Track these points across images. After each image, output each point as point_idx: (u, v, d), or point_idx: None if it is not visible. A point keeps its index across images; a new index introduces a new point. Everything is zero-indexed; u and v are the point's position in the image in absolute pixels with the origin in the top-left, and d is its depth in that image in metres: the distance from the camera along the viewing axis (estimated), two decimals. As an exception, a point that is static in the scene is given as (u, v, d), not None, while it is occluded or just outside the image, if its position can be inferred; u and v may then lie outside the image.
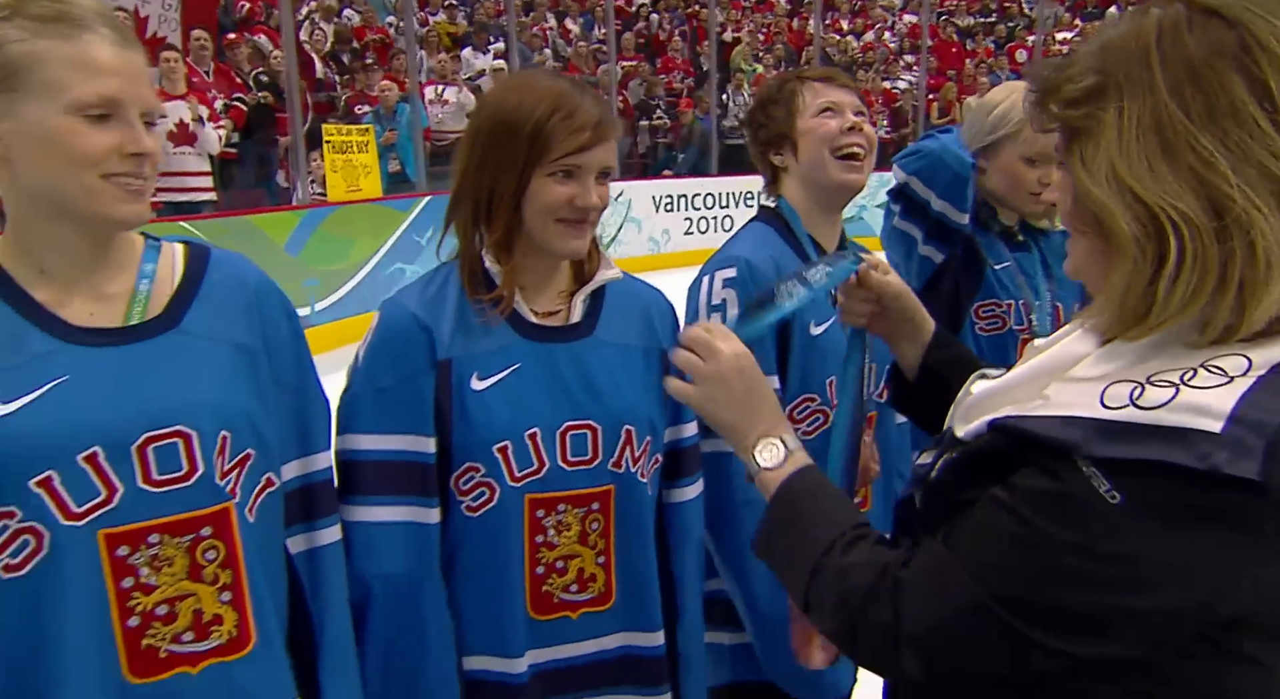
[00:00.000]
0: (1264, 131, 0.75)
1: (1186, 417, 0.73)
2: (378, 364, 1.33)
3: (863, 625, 0.88)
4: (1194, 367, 0.77)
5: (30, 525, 1.04)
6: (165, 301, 1.17)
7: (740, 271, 1.63)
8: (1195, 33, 0.78)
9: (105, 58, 1.05)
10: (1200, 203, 0.76)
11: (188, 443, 1.11)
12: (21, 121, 1.04)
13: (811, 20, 14.76)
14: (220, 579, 1.14)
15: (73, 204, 1.08)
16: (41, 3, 1.05)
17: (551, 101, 1.29)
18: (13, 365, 1.06)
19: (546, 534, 1.36)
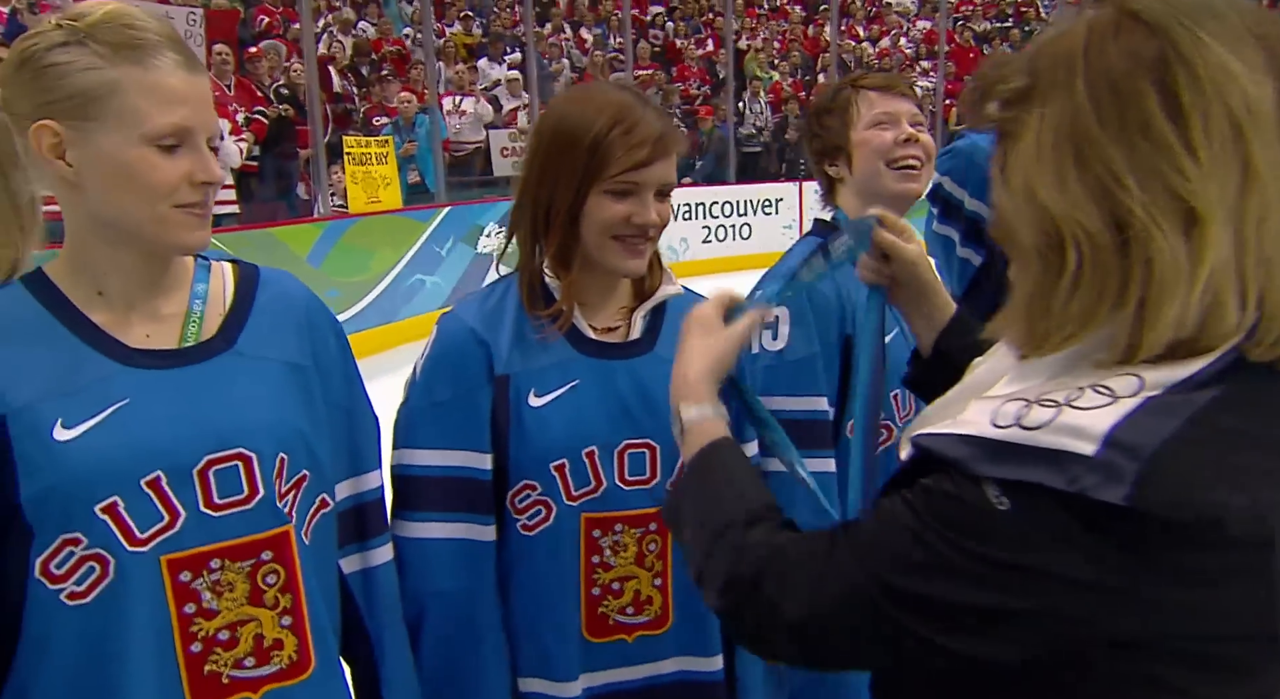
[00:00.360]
0: (1172, 149, 0.72)
1: (1062, 438, 0.72)
2: (435, 378, 1.32)
3: (748, 606, 0.88)
4: (1084, 386, 0.75)
5: (96, 552, 1.03)
6: (219, 322, 1.16)
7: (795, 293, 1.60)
8: (1120, 40, 0.75)
9: (177, 86, 1.04)
10: (1104, 217, 0.74)
11: (248, 465, 1.10)
12: (95, 150, 1.03)
13: (827, 27, 14.75)
14: (280, 603, 1.13)
15: (141, 231, 1.07)
16: (114, 27, 1.04)
17: (612, 114, 1.27)
18: (74, 389, 1.05)
19: (603, 555, 1.34)
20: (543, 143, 1.31)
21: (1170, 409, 0.72)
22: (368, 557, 1.28)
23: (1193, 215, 0.72)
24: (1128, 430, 0.71)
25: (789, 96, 13.32)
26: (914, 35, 16.24)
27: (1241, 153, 0.72)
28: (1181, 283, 0.72)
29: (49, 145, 1.04)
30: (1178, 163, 0.72)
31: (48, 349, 1.06)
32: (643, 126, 1.27)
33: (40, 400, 1.03)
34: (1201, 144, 0.72)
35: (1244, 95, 0.72)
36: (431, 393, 1.32)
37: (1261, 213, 0.73)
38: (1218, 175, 0.72)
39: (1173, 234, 0.72)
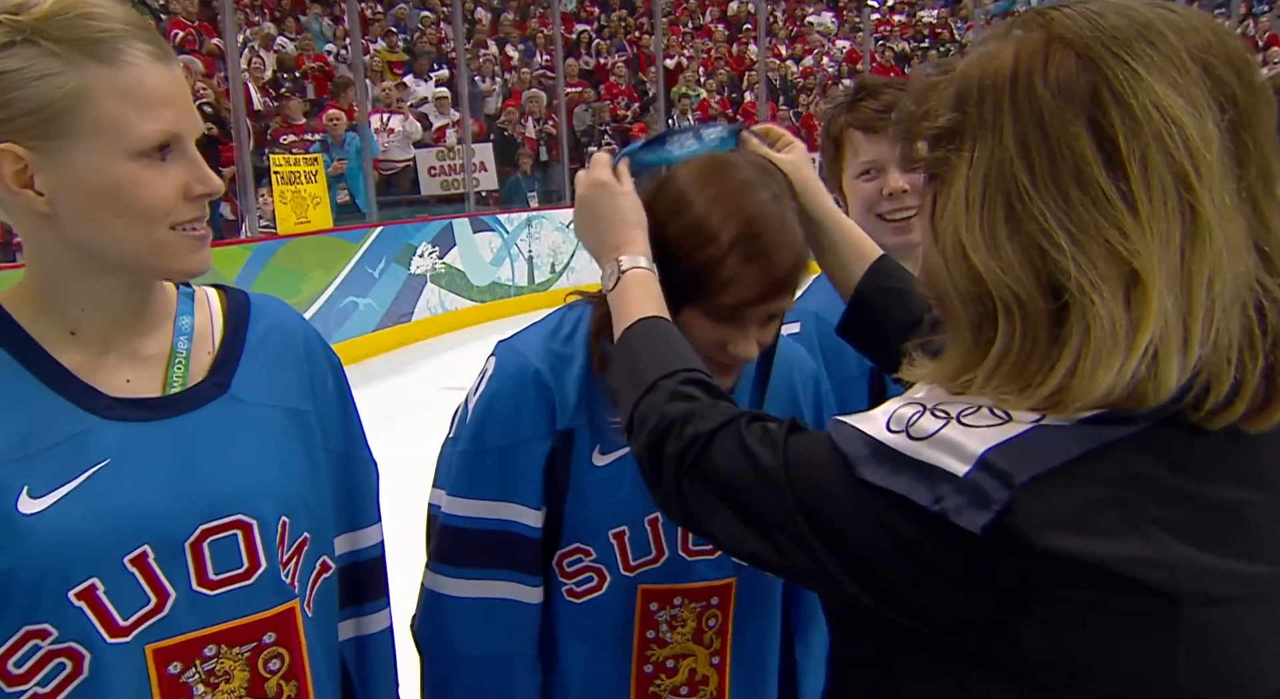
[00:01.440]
0: (1110, 202, 0.64)
1: (939, 453, 0.67)
2: (488, 423, 1.15)
3: (672, 441, 0.85)
4: (980, 404, 0.69)
5: (68, 646, 0.86)
6: (208, 362, 1.00)
7: (806, 327, 1.50)
8: (1050, 72, 0.67)
9: (156, 83, 0.86)
10: (1038, 280, 0.66)
11: (247, 534, 0.94)
12: (71, 173, 0.85)
13: (751, 45, 14.87)
14: (285, 693, 0.98)
15: (134, 260, 0.90)
16: (68, 19, 0.84)
17: (737, 231, 1.04)
18: (43, 449, 0.87)
19: (659, 630, 1.20)
20: (658, 219, 1.09)
21: (1066, 440, 0.65)
22: (362, 623, 1.14)
23: (1134, 276, 0.64)
24: (1006, 454, 0.65)
25: (717, 114, 13.36)
26: (835, 54, 16.49)
27: (1186, 203, 0.64)
28: (1118, 353, 0.64)
29: (12, 173, 0.85)
30: (1116, 218, 0.64)
31: (10, 400, 0.88)
32: (772, 257, 1.04)
33: (2, 464, 0.86)
34: (1141, 195, 0.63)
35: (1186, 139, 0.63)
36: (483, 438, 1.15)
37: (1213, 268, 0.64)
38: (1160, 230, 0.63)
39: (1112, 299, 0.64)
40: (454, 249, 9.20)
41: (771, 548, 0.78)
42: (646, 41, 14.47)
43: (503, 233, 9.86)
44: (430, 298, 8.84)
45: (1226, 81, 0.66)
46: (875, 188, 1.52)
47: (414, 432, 1.26)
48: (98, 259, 0.91)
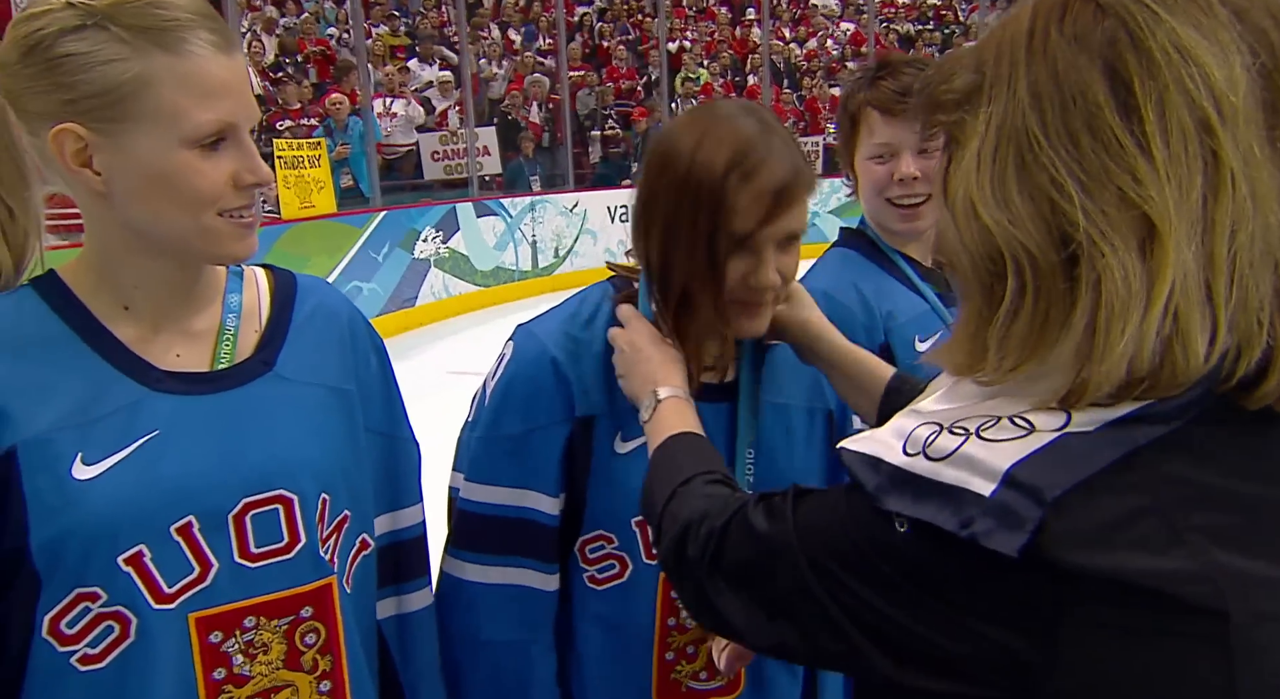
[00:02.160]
0: (1123, 148, 0.60)
1: (961, 473, 0.62)
2: (505, 409, 1.16)
3: (691, 543, 0.84)
4: (1004, 415, 0.64)
5: (116, 610, 0.89)
6: (255, 340, 1.01)
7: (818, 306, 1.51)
8: (1066, 23, 0.64)
9: (217, 73, 0.88)
10: (1049, 234, 0.62)
11: (288, 509, 0.96)
12: (128, 156, 0.88)
13: (755, 28, 14.80)
14: (320, 666, 0.99)
15: (184, 244, 0.92)
16: (138, 7, 0.86)
17: (730, 155, 1.04)
18: (96, 418, 0.90)
19: (679, 616, 1.20)
20: (651, 180, 1.11)
21: (1095, 448, 0.61)
22: (404, 601, 1.15)
23: (1149, 226, 0.60)
24: (1033, 468, 0.60)
25: (720, 97, 13.33)
26: (839, 37, 16.41)
27: (1208, 149, 0.60)
28: (1135, 308, 0.60)
29: (72, 152, 0.87)
30: (1129, 163, 0.60)
31: (67, 369, 0.91)
32: (765, 172, 1.04)
33: (58, 430, 0.88)
34: (1157, 140, 0.60)
35: (1209, 81, 0.60)
36: (499, 425, 1.16)
37: (1235, 220, 0.60)
38: (1178, 175, 0.60)
39: (1125, 250, 0.60)
40: (457, 233, 9.19)
41: (795, 632, 0.75)
42: (649, 24, 14.39)
43: (506, 217, 9.85)
44: (434, 282, 8.85)
45: (1260, 26, 0.61)
46: (887, 171, 1.51)
47: (419, 416, 1.24)
48: (149, 240, 0.93)
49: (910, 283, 1.58)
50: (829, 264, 1.61)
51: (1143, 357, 0.60)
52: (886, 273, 1.57)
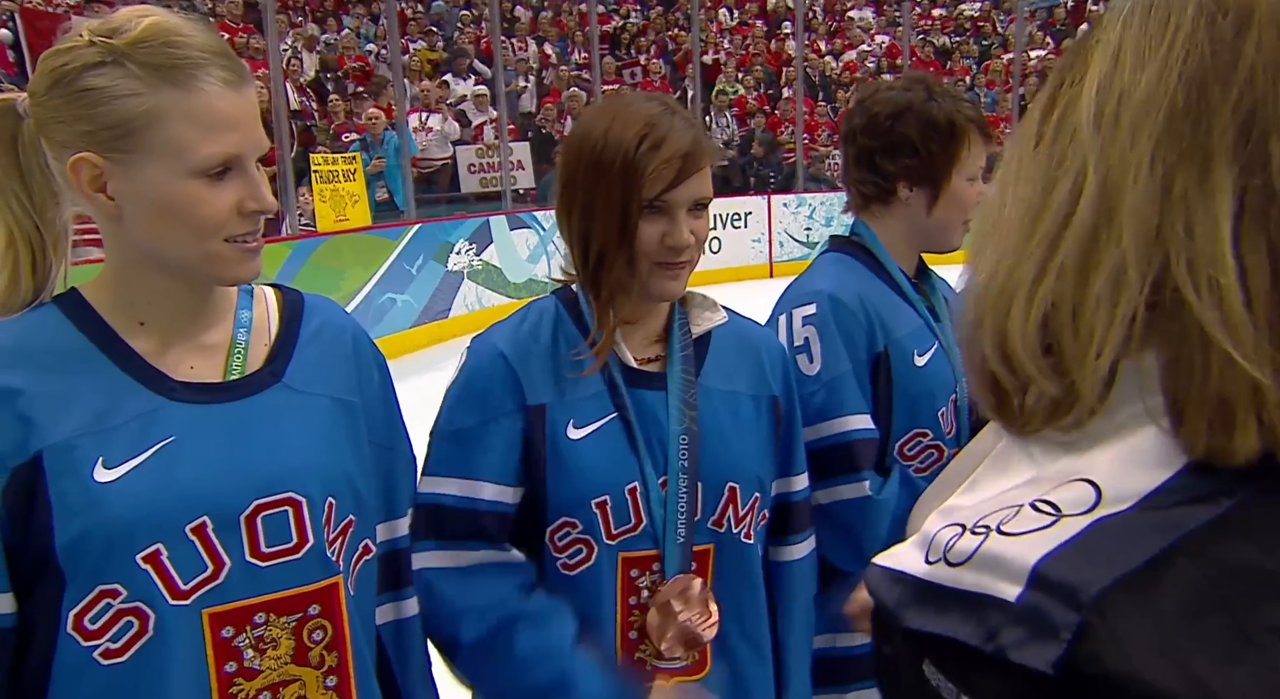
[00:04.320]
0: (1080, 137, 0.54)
1: (984, 577, 0.53)
2: (460, 405, 1.26)
3: None
4: (1025, 502, 0.55)
5: (135, 606, 0.94)
6: (265, 353, 1.08)
7: (821, 307, 1.54)
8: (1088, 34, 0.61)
9: (225, 108, 0.95)
10: None
11: (297, 511, 1.01)
12: (138, 184, 0.94)
13: (789, 41, 14.83)
14: (326, 662, 1.04)
15: (188, 267, 0.99)
16: (154, 46, 0.93)
17: (638, 130, 1.19)
18: (116, 425, 0.96)
19: (640, 596, 1.26)
20: (570, 163, 1.25)
21: (1140, 532, 0.50)
22: (401, 607, 1.20)
23: None
24: (1064, 563, 0.50)
25: (754, 110, 13.35)
26: (875, 49, 16.39)
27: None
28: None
29: (89, 178, 0.95)
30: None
31: (87, 380, 0.97)
32: (671, 140, 1.19)
33: (80, 436, 0.94)
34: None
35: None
36: (455, 420, 1.25)
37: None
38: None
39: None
40: (491, 246, 9.30)
41: None
42: (684, 38, 14.48)
43: (539, 230, 9.95)
44: (467, 294, 8.96)
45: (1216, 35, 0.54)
46: (978, 192, 1.55)
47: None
48: (159, 261, 0.99)
49: (905, 296, 1.61)
50: (829, 268, 1.63)
51: None
52: (884, 284, 1.61)
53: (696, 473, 1.26)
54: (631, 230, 1.20)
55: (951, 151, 1.55)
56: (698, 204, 1.23)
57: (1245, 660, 0.46)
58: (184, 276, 1.01)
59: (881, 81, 1.63)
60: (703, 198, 1.24)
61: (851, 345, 1.53)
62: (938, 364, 1.57)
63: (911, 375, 1.55)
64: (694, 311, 1.34)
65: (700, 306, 1.34)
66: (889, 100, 1.56)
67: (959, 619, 0.53)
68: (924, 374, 1.56)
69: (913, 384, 1.55)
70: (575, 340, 1.27)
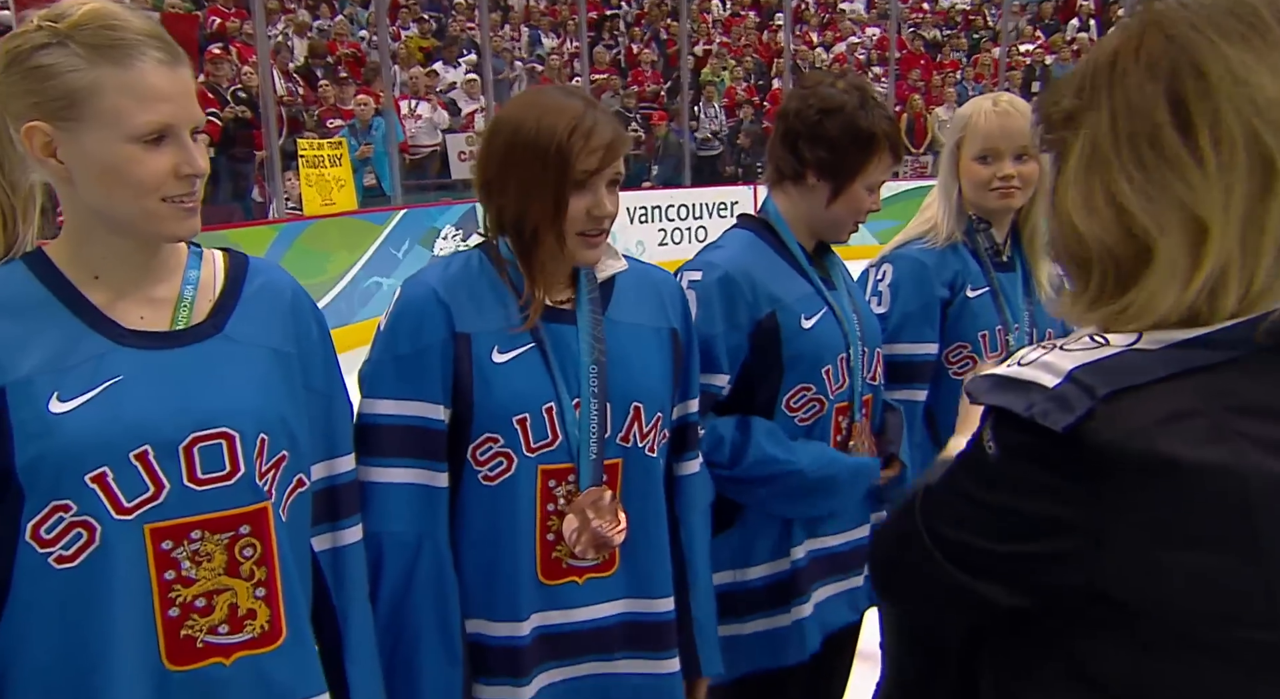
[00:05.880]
0: (1179, 160, 0.74)
1: (1035, 371, 0.77)
2: (397, 334, 1.42)
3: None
4: (1086, 334, 0.80)
5: (84, 519, 1.10)
6: (209, 308, 1.22)
7: (707, 276, 1.72)
8: (1141, 53, 0.77)
9: (158, 83, 1.09)
10: (1122, 234, 0.78)
11: (230, 444, 1.16)
12: (82, 149, 1.09)
13: (781, 33, 14.93)
14: (256, 575, 1.19)
15: (132, 224, 1.13)
16: (93, 29, 1.08)
17: (569, 123, 1.37)
18: (70, 365, 1.11)
19: (557, 503, 1.44)
20: (497, 148, 1.41)
21: (1154, 362, 0.74)
22: (338, 536, 1.35)
23: (1199, 224, 0.74)
24: (1092, 371, 0.74)
25: (743, 101, 13.47)
26: (865, 41, 16.49)
27: (1256, 156, 0.72)
28: (1174, 286, 0.75)
29: (40, 145, 1.10)
30: (1183, 172, 0.74)
31: (47, 326, 1.12)
32: (598, 132, 1.38)
33: (38, 373, 1.09)
34: (1209, 152, 0.73)
35: (1255, 98, 0.72)
36: (393, 347, 1.41)
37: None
38: (1227, 181, 0.73)
39: (1176, 244, 0.75)
40: (477, 232, 9.39)
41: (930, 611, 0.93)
42: (675, 28, 14.58)
43: (526, 216, 10.05)
44: (453, 279, 9.05)
45: None
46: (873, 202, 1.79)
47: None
48: (108, 220, 1.14)
49: (800, 267, 1.78)
50: (732, 243, 1.82)
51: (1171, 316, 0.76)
52: (778, 257, 1.79)
53: (606, 395, 1.44)
54: (563, 208, 1.38)
55: (862, 159, 1.73)
56: (613, 182, 1.43)
57: (1214, 448, 0.69)
58: (131, 233, 1.15)
59: (826, 75, 1.80)
60: (620, 175, 1.44)
61: (732, 312, 1.71)
62: (825, 326, 1.76)
63: (798, 336, 1.73)
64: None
65: (605, 255, 1.51)
66: (827, 96, 1.73)
67: (1012, 396, 0.77)
68: (811, 335, 1.74)
69: (800, 344, 1.73)
70: (496, 283, 1.44)
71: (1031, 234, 2.05)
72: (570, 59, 13.08)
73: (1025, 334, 2.04)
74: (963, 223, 2.03)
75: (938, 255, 2.00)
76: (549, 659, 1.48)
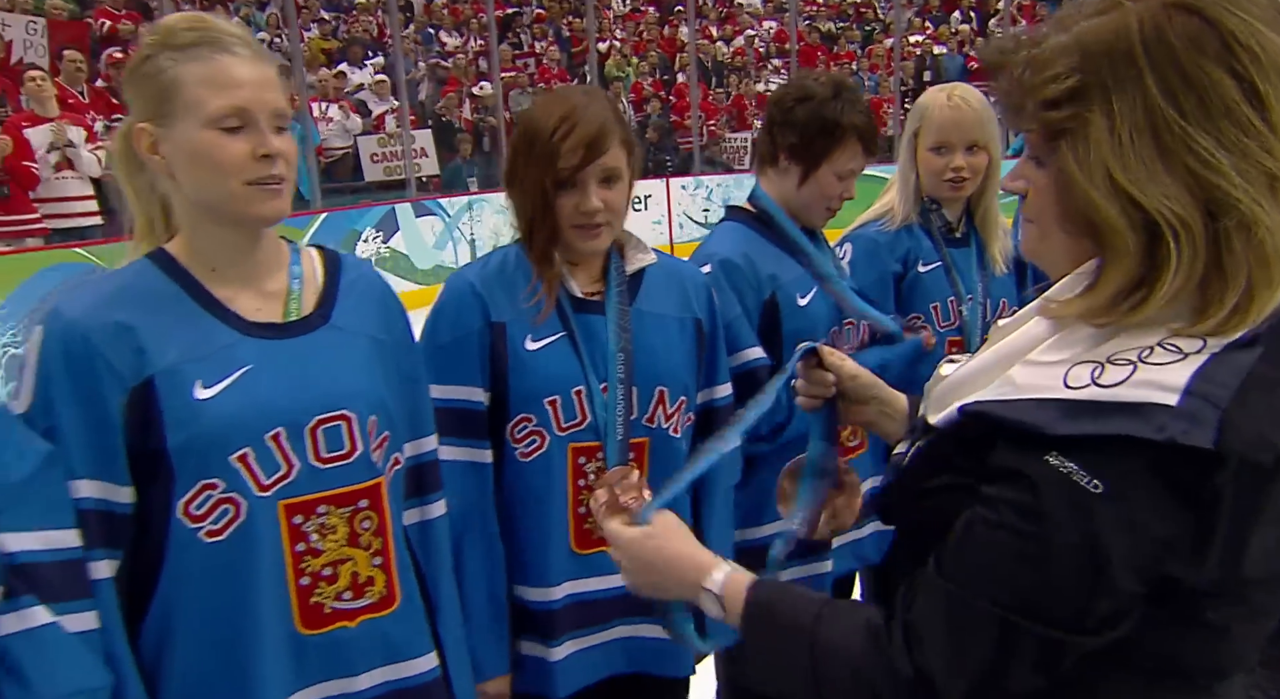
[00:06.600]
0: (1258, 130, 0.78)
1: (1145, 391, 0.77)
2: (438, 325, 1.57)
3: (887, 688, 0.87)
4: (1150, 345, 0.80)
5: (230, 496, 1.19)
6: (315, 300, 1.32)
7: (714, 268, 1.87)
8: (1177, 31, 0.79)
9: (234, 73, 1.19)
10: (1196, 204, 0.78)
11: (349, 425, 1.27)
12: (174, 141, 1.19)
13: (682, 27, 15.17)
14: (373, 545, 1.30)
15: (224, 206, 1.22)
16: (181, 32, 1.19)
17: (556, 119, 1.48)
18: (206, 355, 1.21)
19: (588, 478, 1.57)
20: (511, 144, 1.57)
21: (1231, 364, 0.78)
22: (425, 510, 1.46)
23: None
24: (1203, 382, 0.76)
25: (650, 96, 13.66)
26: (763, 34, 16.88)
27: None
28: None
29: (146, 145, 1.20)
30: (1265, 143, 0.77)
31: (180, 319, 1.22)
32: (580, 127, 1.48)
33: (181, 363, 1.19)
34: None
35: None
36: (435, 337, 1.55)
37: None
38: None
39: (1274, 211, 0.77)
40: (397, 233, 9.39)
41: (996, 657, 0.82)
42: (578, 25, 14.68)
43: (445, 217, 10.06)
44: (377, 281, 9.00)
45: None
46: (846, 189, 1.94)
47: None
48: (207, 209, 1.23)
49: (795, 249, 1.95)
50: (724, 235, 1.99)
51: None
52: (769, 241, 1.96)
53: (631, 380, 1.58)
54: (550, 203, 1.50)
55: (827, 147, 1.90)
56: (608, 177, 1.52)
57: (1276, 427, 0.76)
58: (227, 219, 1.23)
59: (812, 72, 2.01)
60: (611, 170, 1.51)
61: (740, 296, 1.87)
62: (816, 304, 1.94)
63: (795, 313, 1.92)
64: (629, 253, 1.65)
65: (635, 249, 1.66)
66: (803, 87, 1.92)
67: (1126, 421, 0.76)
68: (805, 312, 1.93)
69: (796, 320, 1.92)
70: (530, 275, 1.57)
71: (984, 213, 2.26)
72: (475, 57, 13.06)
73: (979, 304, 2.23)
74: (918, 206, 2.23)
75: (892, 235, 2.21)
76: (580, 625, 1.61)
